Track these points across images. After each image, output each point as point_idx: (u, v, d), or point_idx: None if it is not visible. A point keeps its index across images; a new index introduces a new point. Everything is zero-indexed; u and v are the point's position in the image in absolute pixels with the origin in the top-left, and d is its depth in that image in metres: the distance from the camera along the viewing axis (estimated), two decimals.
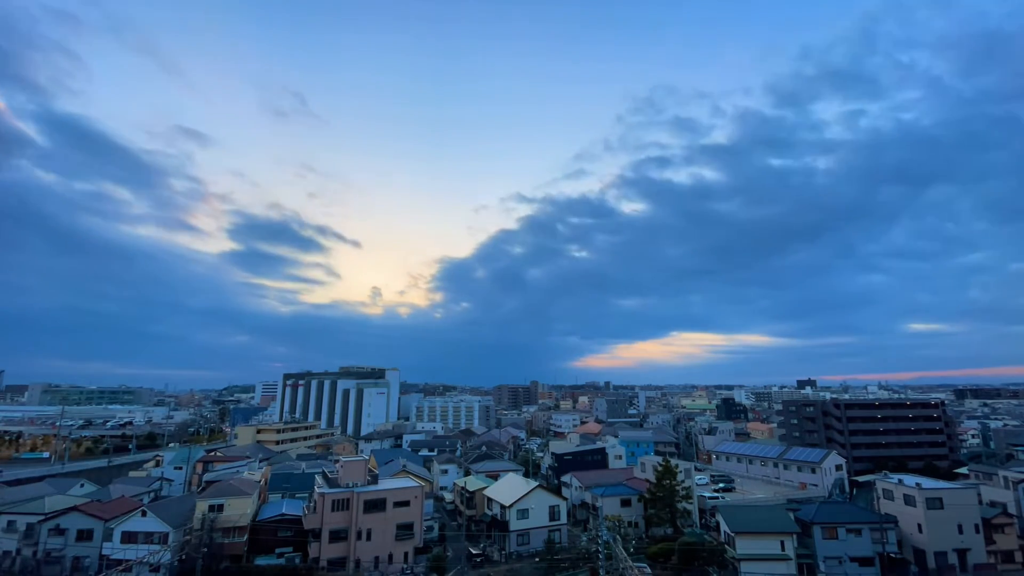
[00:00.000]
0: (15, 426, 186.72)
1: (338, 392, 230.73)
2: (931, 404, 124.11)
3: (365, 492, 61.87)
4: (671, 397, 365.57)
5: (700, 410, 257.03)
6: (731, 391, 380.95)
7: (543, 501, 69.93)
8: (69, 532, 58.41)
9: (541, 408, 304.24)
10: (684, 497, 72.76)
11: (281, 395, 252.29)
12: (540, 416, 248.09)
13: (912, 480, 65.89)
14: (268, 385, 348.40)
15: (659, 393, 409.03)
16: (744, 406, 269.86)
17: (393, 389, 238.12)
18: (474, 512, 77.02)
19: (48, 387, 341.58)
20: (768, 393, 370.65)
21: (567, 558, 60.25)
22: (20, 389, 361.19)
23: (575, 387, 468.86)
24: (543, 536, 65.59)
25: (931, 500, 59.52)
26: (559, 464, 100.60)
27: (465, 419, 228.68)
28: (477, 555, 64.72)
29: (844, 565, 56.36)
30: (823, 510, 61.55)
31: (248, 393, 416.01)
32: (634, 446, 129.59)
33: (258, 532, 62.89)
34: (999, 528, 61.48)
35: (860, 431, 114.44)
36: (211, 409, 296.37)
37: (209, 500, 61.79)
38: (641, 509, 73.85)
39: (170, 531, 57.25)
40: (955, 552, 58.10)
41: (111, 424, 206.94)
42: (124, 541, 56.43)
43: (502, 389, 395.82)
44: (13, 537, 59.29)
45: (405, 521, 62.03)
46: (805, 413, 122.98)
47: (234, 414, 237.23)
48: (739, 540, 56.15)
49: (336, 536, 59.09)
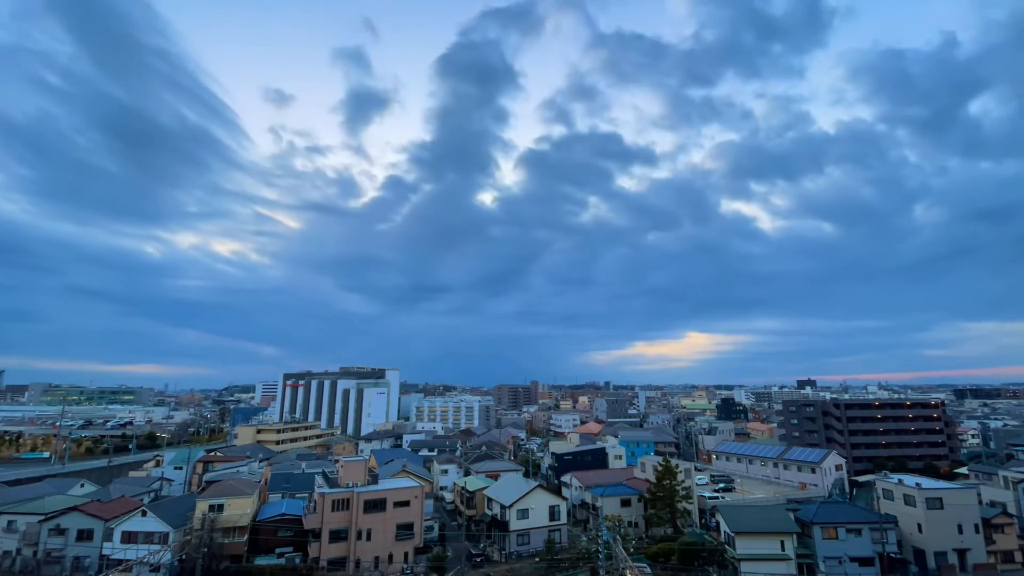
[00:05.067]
0: (15, 426, 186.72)
1: (338, 392, 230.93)
2: (931, 404, 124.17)
3: (365, 492, 61.88)
4: (671, 397, 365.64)
5: (700, 410, 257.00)
6: (731, 391, 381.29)
7: (543, 501, 69.88)
8: (69, 532, 58.33)
9: (541, 408, 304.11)
10: (684, 497, 72.71)
11: (281, 395, 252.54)
12: (540, 416, 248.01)
13: (912, 480, 65.91)
14: (268, 385, 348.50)
15: (659, 393, 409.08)
16: (744, 406, 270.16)
17: (393, 389, 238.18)
18: (474, 512, 77.02)
19: (48, 387, 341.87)
20: (768, 393, 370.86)
21: (567, 558, 60.26)
22: (20, 389, 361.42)
23: (575, 387, 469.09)
24: (543, 536, 65.58)
25: (931, 500, 59.51)
26: (559, 464, 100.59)
27: (465, 419, 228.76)
28: (477, 555, 64.74)
29: (844, 565, 56.27)
30: (823, 510, 61.48)
31: (248, 393, 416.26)
32: (634, 446, 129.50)
33: (258, 532, 62.85)
34: (999, 528, 61.45)
35: (860, 431, 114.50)
36: (211, 409, 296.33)
37: (209, 500, 61.77)
38: (641, 509, 73.86)
39: (170, 531, 57.24)
40: (955, 552, 58.09)
41: (111, 424, 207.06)
42: (124, 541, 56.39)
43: (502, 389, 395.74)
44: (13, 537, 59.29)
45: (405, 521, 62.00)
46: (805, 413, 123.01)
47: (234, 414, 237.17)
48: (739, 540, 56.14)
49: (336, 536, 59.06)
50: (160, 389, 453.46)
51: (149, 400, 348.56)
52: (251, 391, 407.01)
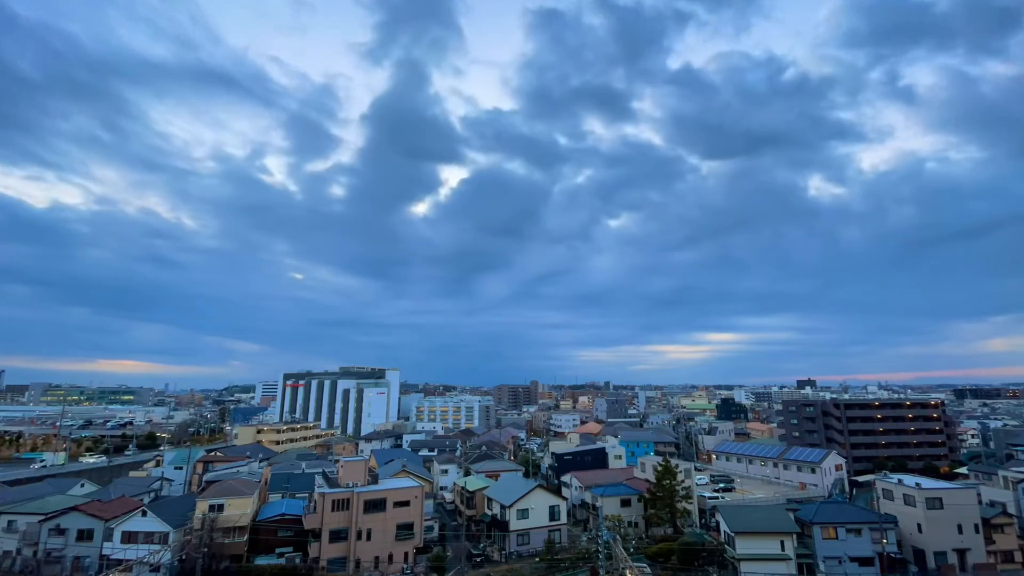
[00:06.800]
0: (15, 426, 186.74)
1: (338, 392, 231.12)
2: (931, 404, 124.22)
3: (365, 492, 61.85)
4: (671, 397, 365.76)
5: (700, 410, 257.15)
6: (731, 391, 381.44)
7: (543, 501, 69.86)
8: (69, 532, 58.27)
9: (541, 408, 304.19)
10: (684, 497, 72.74)
11: (281, 395, 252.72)
12: (540, 416, 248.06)
13: (912, 480, 65.93)
14: (268, 385, 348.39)
15: (659, 393, 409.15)
16: (744, 406, 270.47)
17: (393, 389, 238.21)
18: (474, 512, 77.00)
19: (48, 387, 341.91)
20: (768, 393, 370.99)
21: (567, 558, 60.30)
22: (20, 389, 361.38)
23: (575, 387, 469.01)
24: (543, 536, 65.61)
25: (931, 500, 59.52)
26: (559, 464, 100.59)
27: (465, 419, 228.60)
28: (477, 555, 64.73)
29: (844, 565, 56.29)
30: (823, 510, 61.50)
31: (248, 393, 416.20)
32: (634, 446, 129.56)
33: (258, 532, 62.81)
34: (999, 528, 61.45)
35: (860, 431, 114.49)
36: (211, 409, 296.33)
37: (209, 500, 61.69)
38: (641, 509, 73.82)
39: (170, 531, 57.22)
40: (955, 552, 58.08)
41: (111, 424, 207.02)
42: (124, 541, 56.34)
43: (502, 389, 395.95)
44: (13, 537, 59.29)
45: (405, 521, 61.97)
46: (805, 413, 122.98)
47: (234, 414, 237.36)
48: (739, 540, 56.13)
49: (336, 536, 59.02)
50: (160, 389, 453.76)
51: (149, 400, 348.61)
52: (251, 391, 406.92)
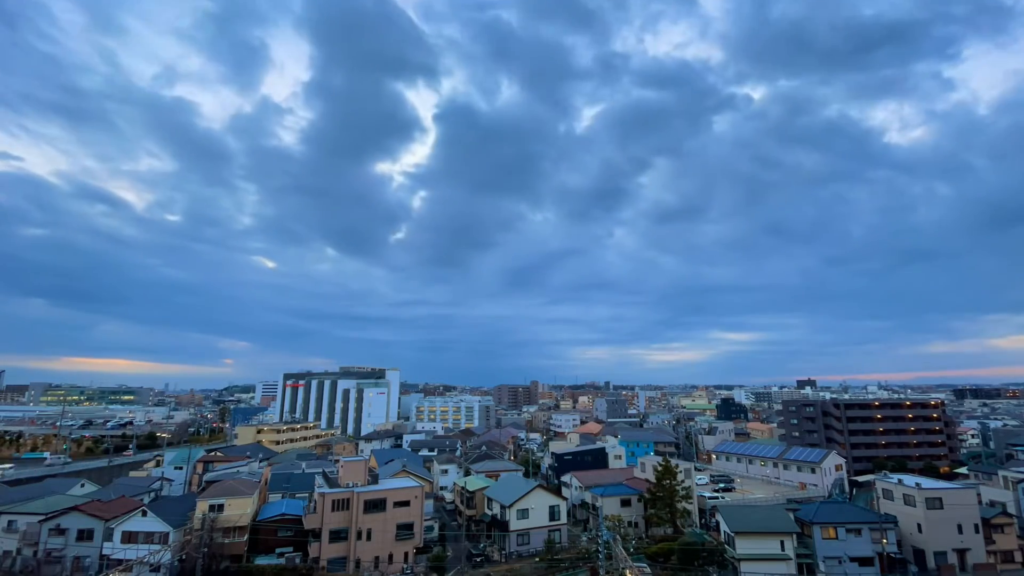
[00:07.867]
0: (15, 426, 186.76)
1: (338, 392, 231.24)
2: (931, 404, 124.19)
3: (365, 492, 61.87)
4: (671, 397, 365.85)
5: (700, 410, 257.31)
6: (731, 391, 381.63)
7: (543, 501, 69.87)
8: (69, 532, 58.27)
9: (541, 408, 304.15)
10: (684, 497, 72.73)
11: (281, 395, 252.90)
12: (540, 416, 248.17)
13: (912, 480, 65.98)
14: (268, 385, 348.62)
15: (659, 393, 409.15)
16: (744, 406, 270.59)
17: (393, 389, 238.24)
18: (474, 512, 77.00)
19: (48, 387, 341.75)
20: (768, 393, 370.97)
21: (567, 558, 60.32)
22: (20, 389, 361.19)
23: (575, 387, 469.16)
24: (543, 536, 65.65)
25: (931, 500, 59.59)
26: (559, 464, 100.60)
27: (465, 419, 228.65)
28: (477, 555, 64.73)
29: (844, 565, 56.32)
30: (823, 510, 61.55)
31: (248, 393, 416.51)
32: (634, 446, 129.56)
33: (258, 532, 62.83)
34: (999, 528, 61.52)
35: (860, 431, 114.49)
36: (211, 409, 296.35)
37: (209, 500, 61.70)
38: (641, 509, 73.86)
39: (170, 531, 57.24)
40: (955, 552, 58.15)
41: (111, 424, 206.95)
42: (124, 541, 56.37)
43: (502, 389, 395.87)
44: (13, 537, 59.28)
45: (405, 521, 62.00)
46: (805, 413, 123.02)
47: (234, 414, 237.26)
48: (739, 540, 56.17)
49: (336, 536, 59.04)
50: (160, 389, 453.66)
51: (149, 400, 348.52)
52: (251, 391, 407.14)
